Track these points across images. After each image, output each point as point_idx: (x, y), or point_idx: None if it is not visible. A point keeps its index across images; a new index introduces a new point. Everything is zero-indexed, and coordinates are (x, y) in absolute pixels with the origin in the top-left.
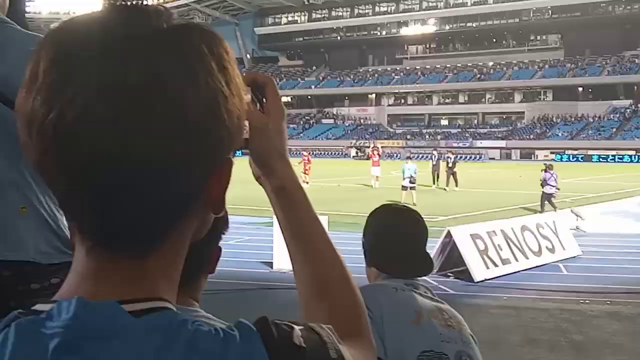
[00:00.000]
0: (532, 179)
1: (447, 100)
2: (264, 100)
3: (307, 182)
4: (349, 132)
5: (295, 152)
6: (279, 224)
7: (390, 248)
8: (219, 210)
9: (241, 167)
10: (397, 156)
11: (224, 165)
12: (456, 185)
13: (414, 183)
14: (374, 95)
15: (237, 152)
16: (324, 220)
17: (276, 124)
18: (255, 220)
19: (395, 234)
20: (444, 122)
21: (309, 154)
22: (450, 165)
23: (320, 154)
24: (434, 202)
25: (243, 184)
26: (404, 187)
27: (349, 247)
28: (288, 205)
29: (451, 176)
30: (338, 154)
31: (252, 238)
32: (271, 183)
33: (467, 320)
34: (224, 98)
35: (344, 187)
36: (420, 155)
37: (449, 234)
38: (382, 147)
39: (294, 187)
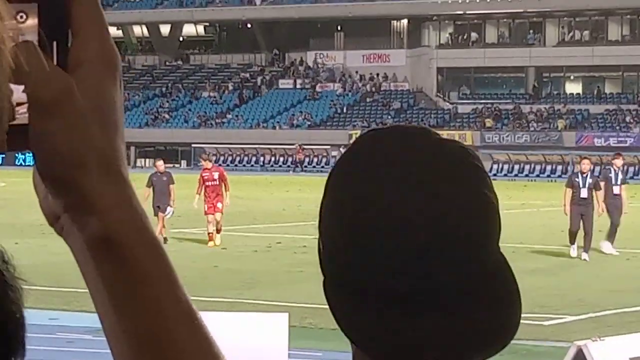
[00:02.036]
0: None
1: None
2: (68, 34)
3: (219, 230)
4: (344, 110)
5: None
6: (100, 316)
7: None
8: None
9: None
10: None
11: None
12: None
13: None
14: (403, 24)
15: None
16: (234, 320)
17: (95, 91)
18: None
19: None
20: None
21: (218, 160)
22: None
23: (267, 163)
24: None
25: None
26: None
27: None
28: (120, 277)
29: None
30: (318, 162)
31: None
32: (84, 229)
33: None
34: None
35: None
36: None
37: (580, 354)
38: None
39: (135, 234)
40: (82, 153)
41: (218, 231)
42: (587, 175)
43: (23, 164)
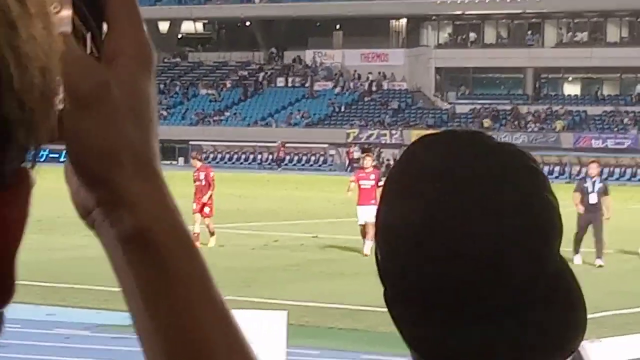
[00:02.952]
0: None
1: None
2: (102, 26)
3: (212, 232)
4: (341, 109)
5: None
6: (131, 312)
7: None
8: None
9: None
10: None
11: (11, 184)
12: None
13: None
14: (402, 23)
15: (44, 152)
16: (254, 318)
17: (130, 85)
18: (89, 317)
19: None
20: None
21: (216, 157)
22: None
23: (264, 162)
24: None
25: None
26: None
27: None
28: (153, 274)
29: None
30: (316, 161)
31: None
32: (117, 224)
33: None
34: (11, 18)
35: (322, 243)
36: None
37: (578, 356)
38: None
39: (169, 232)
40: (117, 148)
41: (212, 233)
42: (595, 180)
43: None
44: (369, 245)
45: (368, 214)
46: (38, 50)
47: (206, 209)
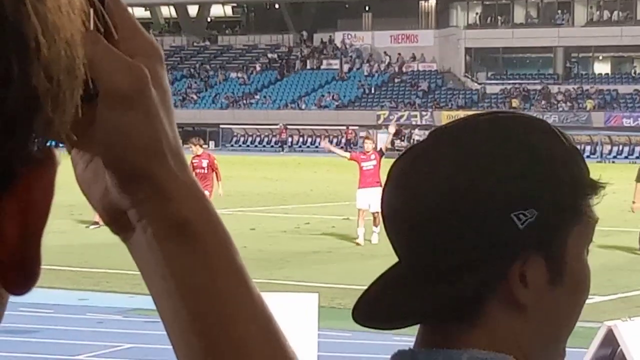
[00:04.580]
0: None
1: None
2: (105, 2)
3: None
4: (371, 91)
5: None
6: (164, 314)
7: None
8: (23, 274)
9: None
10: None
11: (37, 166)
12: None
13: None
14: (432, 4)
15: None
16: (289, 301)
17: (156, 79)
18: (117, 301)
19: None
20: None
21: (246, 141)
22: None
23: (295, 144)
24: None
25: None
26: None
27: None
28: (194, 266)
29: None
30: (347, 143)
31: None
32: (159, 220)
33: None
34: None
35: (353, 225)
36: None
37: (610, 334)
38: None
39: (208, 222)
40: (159, 142)
41: None
42: None
43: None
44: (371, 234)
45: (371, 197)
46: (64, 21)
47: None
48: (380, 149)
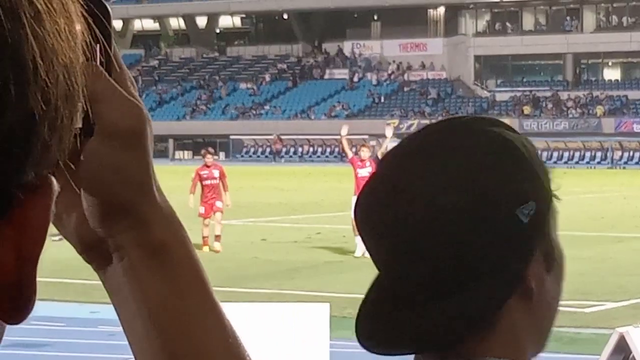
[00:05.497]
0: None
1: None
2: (111, 39)
3: (217, 235)
4: (381, 99)
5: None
6: (130, 328)
7: None
8: (19, 302)
9: None
10: None
11: (34, 192)
12: None
13: None
14: (440, 12)
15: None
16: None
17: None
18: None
19: None
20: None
21: (257, 151)
22: None
23: (305, 154)
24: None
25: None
26: None
27: None
28: (170, 288)
29: None
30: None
31: None
32: (138, 245)
33: None
34: (37, 9)
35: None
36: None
37: (622, 340)
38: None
39: (182, 245)
40: (150, 178)
41: (217, 237)
42: None
43: None
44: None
45: None
46: (64, 46)
47: (217, 203)
48: (377, 156)
